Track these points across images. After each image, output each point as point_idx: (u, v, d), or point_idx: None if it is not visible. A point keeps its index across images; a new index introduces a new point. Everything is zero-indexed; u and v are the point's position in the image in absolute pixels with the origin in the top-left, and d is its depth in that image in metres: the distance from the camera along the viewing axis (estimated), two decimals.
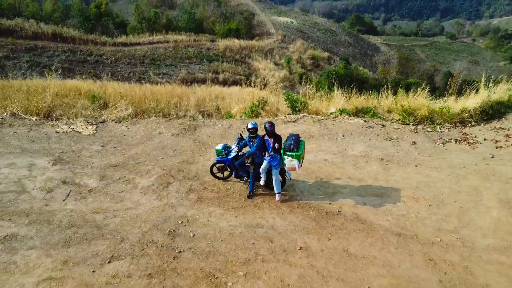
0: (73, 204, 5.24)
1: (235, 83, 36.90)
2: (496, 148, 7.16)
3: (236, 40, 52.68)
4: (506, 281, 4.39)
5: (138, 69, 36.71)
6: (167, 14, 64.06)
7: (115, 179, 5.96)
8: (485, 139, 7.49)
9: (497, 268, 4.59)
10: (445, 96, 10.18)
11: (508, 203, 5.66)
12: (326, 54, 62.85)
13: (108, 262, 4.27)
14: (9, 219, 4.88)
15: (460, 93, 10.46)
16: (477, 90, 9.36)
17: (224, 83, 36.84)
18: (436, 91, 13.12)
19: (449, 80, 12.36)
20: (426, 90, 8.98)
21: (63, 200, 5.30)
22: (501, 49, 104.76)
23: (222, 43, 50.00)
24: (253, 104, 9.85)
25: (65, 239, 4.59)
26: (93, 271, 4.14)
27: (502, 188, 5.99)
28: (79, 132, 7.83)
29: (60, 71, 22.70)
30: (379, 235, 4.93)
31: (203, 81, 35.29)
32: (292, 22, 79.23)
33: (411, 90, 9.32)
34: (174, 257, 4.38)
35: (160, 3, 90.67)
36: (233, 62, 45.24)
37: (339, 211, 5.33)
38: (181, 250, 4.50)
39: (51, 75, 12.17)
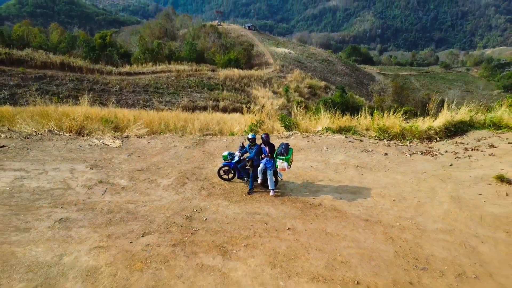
0: (110, 197, 6.71)
1: (235, 110, 38.90)
2: (455, 158, 8.70)
3: (236, 70, 55.44)
4: (447, 252, 5.80)
5: (142, 97, 38.83)
6: (169, 45, 67.38)
7: (141, 179, 7.46)
8: (446, 151, 9.05)
9: (441, 244, 6.00)
10: (424, 118, 11.84)
11: (457, 199, 7.15)
12: (323, 83, 65.41)
13: (142, 236, 5.70)
14: (62, 207, 6.34)
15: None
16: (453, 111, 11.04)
17: (225, 110, 38.83)
18: (419, 115, 14.83)
19: (427, 104, 14.11)
20: (400, 112, 10.66)
21: (102, 194, 6.76)
22: (494, 78, 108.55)
23: (222, 73, 52.66)
24: (252, 123, 11.51)
25: (107, 221, 6.03)
26: (131, 242, 5.56)
27: (454, 188, 7.49)
28: (108, 145, 9.39)
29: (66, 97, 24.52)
30: (350, 220, 6.37)
31: (204, 108, 37.31)
32: (290, 53, 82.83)
33: (387, 112, 11.02)
34: (191, 233, 5.81)
35: (162, 34, 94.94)
36: (233, 91, 47.57)
37: (320, 204, 6.80)
38: (197, 229, 5.94)
39: (83, 101, 13.73)
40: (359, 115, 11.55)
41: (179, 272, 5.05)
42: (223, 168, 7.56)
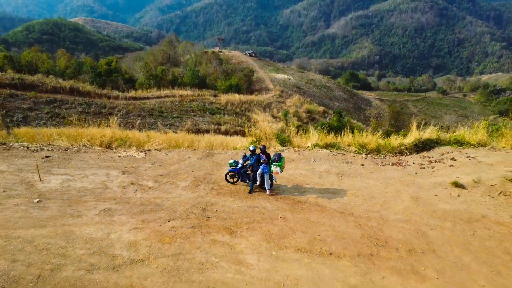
0: (140, 194, 8.60)
1: (236, 133, 41.06)
2: (420, 168, 10.62)
3: (236, 95, 58.20)
4: (402, 235, 7.62)
5: (148, 120, 41.13)
6: (172, 71, 70.67)
7: (164, 182, 9.36)
8: (413, 163, 10.97)
9: (398, 230, 7.84)
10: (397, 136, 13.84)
11: (416, 199, 9.03)
12: (321, 108, 67.97)
13: (168, 221, 7.56)
14: (104, 201, 8.22)
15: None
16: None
17: (226, 133, 41.01)
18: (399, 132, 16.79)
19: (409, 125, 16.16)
20: (380, 132, 12.67)
21: (134, 192, 8.66)
22: (491, 104, 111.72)
23: (223, 98, 55.34)
24: (252, 140, 13.51)
25: (140, 211, 7.90)
26: (160, 225, 7.42)
27: (415, 190, 9.39)
28: (134, 156, 11.33)
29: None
30: (329, 212, 8.25)
31: (206, 131, 39.44)
32: (289, 79, 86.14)
33: (366, 132, 13.07)
34: (205, 220, 7.67)
35: (165, 60, 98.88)
36: (234, 115, 49.98)
37: (306, 200, 8.69)
38: (209, 217, 7.81)
39: (112, 121, 15.62)
40: (343, 134, 13.62)
41: (198, 245, 6.88)
42: (229, 173, 9.49)
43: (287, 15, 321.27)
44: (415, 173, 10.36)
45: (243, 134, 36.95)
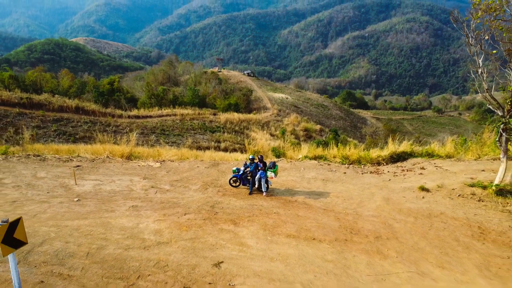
0: (160, 195, 10.58)
1: (235, 150, 43.11)
2: (394, 176, 12.65)
3: (235, 114, 60.57)
4: (372, 226, 9.57)
5: (150, 137, 43.22)
6: (173, 91, 73.33)
7: (178, 186, 11.34)
8: (388, 171, 13.01)
9: (370, 222, 9.79)
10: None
11: (387, 199, 11.03)
12: (318, 127, 70.25)
13: (184, 215, 9.52)
14: (131, 200, 10.19)
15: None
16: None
17: (225, 150, 43.01)
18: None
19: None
20: (362, 146, 14.75)
21: (154, 193, 10.63)
22: (485, 122, 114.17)
23: (223, 116, 57.69)
24: (251, 153, 15.52)
25: (161, 207, 9.87)
26: (178, 217, 9.37)
27: (387, 193, 11.40)
28: (151, 165, 13.33)
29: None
30: (314, 209, 10.22)
31: (207, 148, 41.49)
32: (287, 98, 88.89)
33: (349, 146, 15.19)
34: (214, 214, 9.63)
35: (166, 80, 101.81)
36: (233, 133, 52.16)
37: (295, 200, 10.67)
38: (217, 212, 9.77)
39: (132, 137, 17.61)
40: (329, 147, 15.73)
41: (209, 232, 8.83)
42: (233, 178, 11.49)
43: (285, 35, 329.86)
44: (389, 180, 12.39)
45: (241, 151, 39.04)
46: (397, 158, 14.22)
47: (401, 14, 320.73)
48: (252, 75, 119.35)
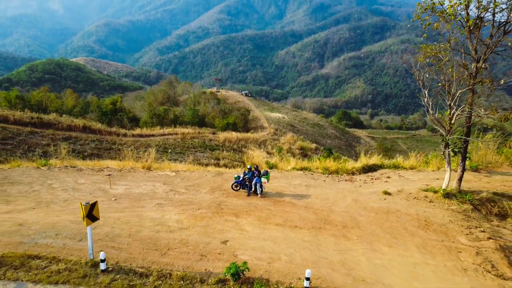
0: (178, 196, 13.68)
1: (233, 167, 46.10)
2: (364, 183, 15.81)
3: (234, 133, 63.90)
4: (342, 218, 12.68)
5: (154, 155, 46.21)
6: (174, 110, 76.89)
7: (191, 189, 14.45)
8: (360, 180, 16.19)
9: (340, 216, 12.90)
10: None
11: (356, 200, 14.17)
12: (313, 145, 73.34)
13: (198, 209, 12.63)
14: (156, 199, 13.30)
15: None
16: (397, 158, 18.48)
17: (225, 167, 45.97)
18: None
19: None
20: (341, 159, 17.96)
21: (173, 195, 13.73)
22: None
23: (222, 135, 60.98)
24: (249, 164, 18.71)
25: (180, 204, 12.98)
26: (193, 211, 12.48)
27: (356, 196, 14.56)
28: (168, 174, 16.45)
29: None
30: (297, 206, 13.35)
31: (207, 166, 44.52)
32: (283, 117, 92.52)
33: (330, 159, 18.43)
34: (221, 209, 12.75)
35: (165, 100, 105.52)
36: (232, 151, 55.32)
37: (283, 200, 13.81)
38: (223, 208, 12.89)
39: (152, 152, 20.76)
40: (313, 160, 18.91)
41: (217, 221, 11.92)
42: (234, 184, 14.63)
43: (282, 56, 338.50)
44: (359, 186, 15.57)
45: (240, 167, 42.04)
46: (369, 169, 17.40)
47: (396, 36, 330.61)
48: (249, 95, 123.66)
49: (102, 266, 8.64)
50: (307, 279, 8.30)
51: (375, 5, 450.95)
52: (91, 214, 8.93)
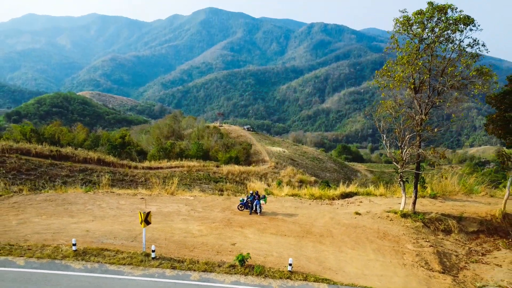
0: (197, 214, 18.39)
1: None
2: (341, 206, 20.46)
3: (236, 166, 68.59)
4: (320, 230, 17.30)
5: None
6: (179, 144, 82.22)
7: (207, 209, 19.15)
8: (338, 203, 20.86)
9: (318, 229, 17.53)
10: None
11: (333, 218, 18.83)
12: (313, 178, 77.46)
13: (213, 223, 17.34)
14: (181, 216, 18.01)
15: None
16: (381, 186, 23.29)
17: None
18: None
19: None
20: (326, 187, 22.69)
21: (194, 213, 18.42)
22: (475, 175, 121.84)
23: (225, 168, 65.64)
24: (251, 190, 23.46)
25: (199, 219, 17.68)
26: (210, 224, 17.17)
27: (333, 215, 19.24)
28: (188, 198, 21.23)
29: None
30: (287, 222, 18.04)
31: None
32: (284, 151, 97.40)
33: (318, 187, 23.16)
34: (230, 223, 17.45)
35: (170, 133, 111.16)
36: (234, 183, 59.81)
37: (277, 217, 18.49)
38: (232, 222, 17.60)
39: (174, 182, 25.71)
40: (302, 188, 23.61)
41: (227, 231, 16.59)
42: (239, 205, 19.36)
43: (283, 90, 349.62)
44: (337, 208, 20.24)
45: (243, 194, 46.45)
46: (346, 195, 22.07)
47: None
48: (251, 129, 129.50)
49: (153, 254, 13.29)
50: (290, 264, 12.91)
51: (374, 42, 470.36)
52: (147, 220, 13.69)
